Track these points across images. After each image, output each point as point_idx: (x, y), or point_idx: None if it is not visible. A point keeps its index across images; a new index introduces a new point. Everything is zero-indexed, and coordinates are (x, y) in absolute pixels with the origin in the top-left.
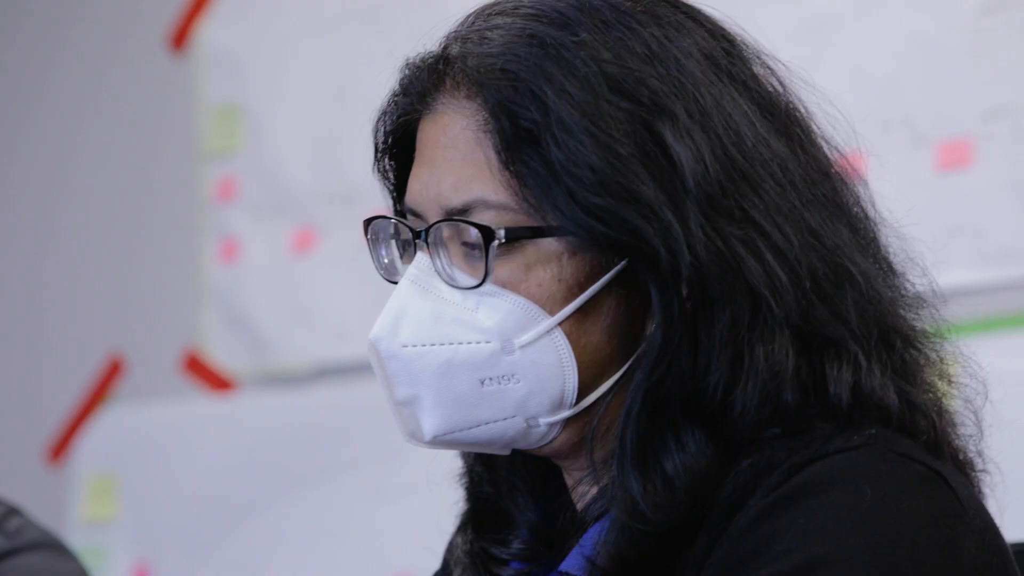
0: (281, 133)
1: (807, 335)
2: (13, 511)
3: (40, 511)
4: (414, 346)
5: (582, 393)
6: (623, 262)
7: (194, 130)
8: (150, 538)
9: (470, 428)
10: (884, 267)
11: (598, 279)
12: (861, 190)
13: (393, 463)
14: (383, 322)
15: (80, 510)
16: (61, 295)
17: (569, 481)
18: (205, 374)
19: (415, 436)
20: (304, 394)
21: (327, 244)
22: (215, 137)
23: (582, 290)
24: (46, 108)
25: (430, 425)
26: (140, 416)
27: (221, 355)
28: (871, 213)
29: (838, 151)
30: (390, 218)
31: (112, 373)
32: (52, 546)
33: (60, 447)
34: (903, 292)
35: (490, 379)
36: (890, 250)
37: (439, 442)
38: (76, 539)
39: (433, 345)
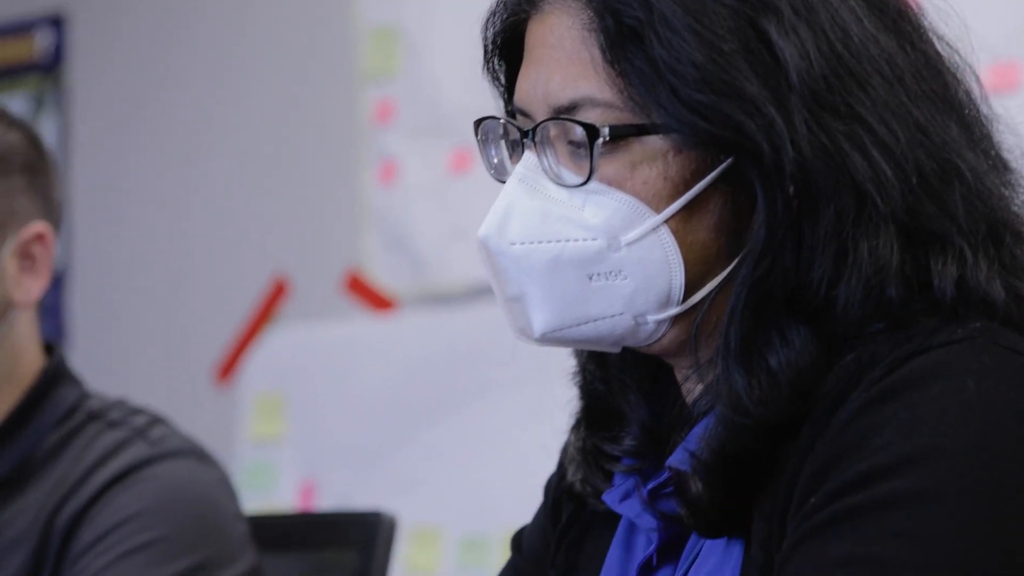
0: (438, 55)
1: (912, 230)
2: (157, 420)
3: (210, 430)
4: (522, 243)
5: (689, 291)
6: (728, 160)
7: (352, 53)
8: (316, 455)
9: (579, 325)
10: (997, 164)
11: (704, 177)
12: (975, 87)
13: (549, 381)
14: (492, 220)
15: (248, 429)
16: (228, 220)
17: (679, 379)
18: (366, 294)
19: (525, 332)
20: (462, 312)
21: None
22: (373, 60)
23: (688, 188)
24: (209, 33)
25: (539, 321)
26: (304, 336)
27: (381, 275)
28: (985, 110)
29: (950, 47)
30: (499, 119)
31: (277, 295)
32: (194, 454)
33: (228, 367)
34: (1018, 189)
35: (597, 275)
36: (1004, 147)
37: (548, 339)
38: (244, 457)
39: (541, 242)
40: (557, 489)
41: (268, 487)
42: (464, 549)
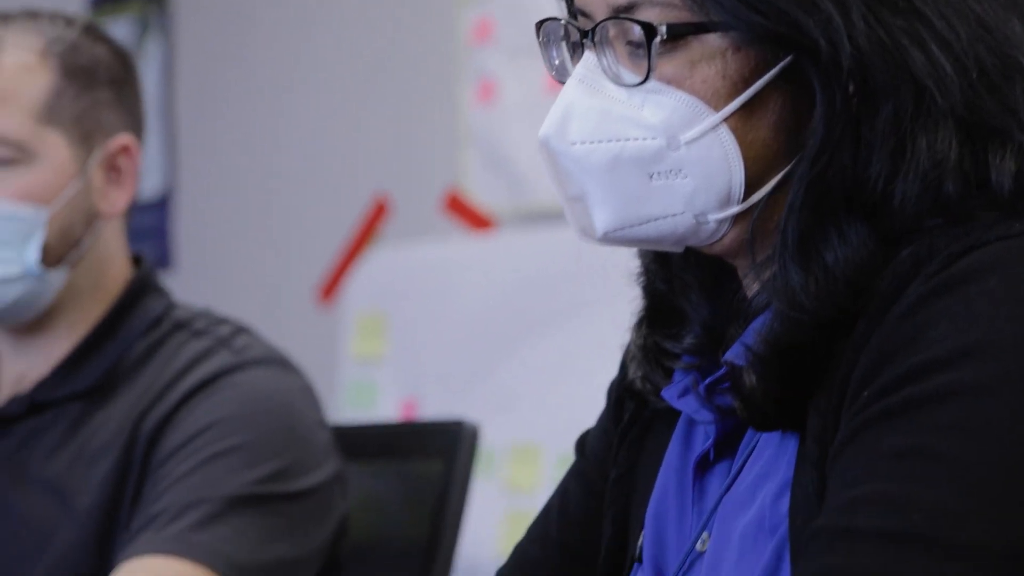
0: None
1: (971, 126)
2: (240, 330)
3: (313, 349)
4: (582, 143)
5: (749, 190)
6: (787, 58)
7: None
8: (416, 373)
9: (640, 224)
10: None
11: (763, 75)
12: None
13: None
14: (552, 120)
15: (350, 348)
16: (329, 142)
17: (740, 278)
18: (466, 213)
19: (587, 232)
20: (560, 231)
21: None
22: None
23: (747, 86)
24: None
25: (601, 221)
26: (405, 256)
27: (480, 195)
28: None
29: None
30: (560, 20)
31: (378, 215)
32: (276, 362)
33: (330, 287)
34: None
35: (657, 174)
36: None
37: (610, 238)
38: (347, 376)
39: (600, 142)
40: (619, 389)
41: (369, 405)
42: (563, 466)
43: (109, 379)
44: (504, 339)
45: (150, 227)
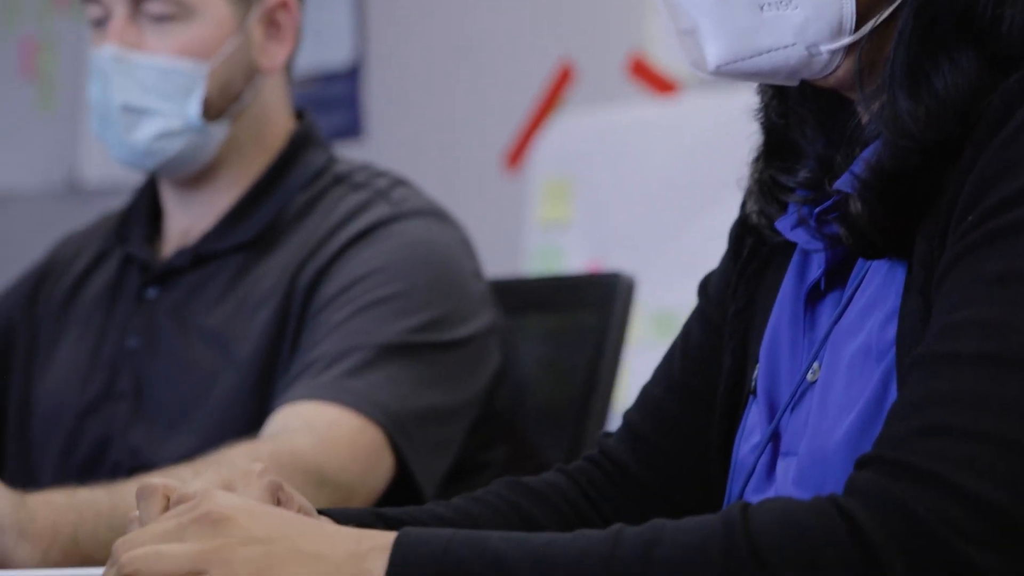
0: None
1: None
2: (399, 182)
3: (499, 215)
4: None
5: (861, 20)
6: None
7: None
8: (601, 238)
9: (752, 57)
10: None
11: None
12: None
13: None
14: None
15: (536, 213)
16: (515, 7)
17: (853, 110)
18: (650, 78)
19: (699, 66)
20: (746, 95)
21: None
22: None
23: None
24: None
25: (712, 54)
26: (590, 121)
27: (665, 59)
28: None
29: None
30: None
31: (563, 80)
32: (434, 213)
33: (516, 154)
34: None
35: (768, 4)
36: None
37: (723, 71)
38: (533, 241)
39: None
40: (738, 226)
41: (555, 270)
42: None
43: (270, 231)
44: (688, 203)
45: (340, 97)
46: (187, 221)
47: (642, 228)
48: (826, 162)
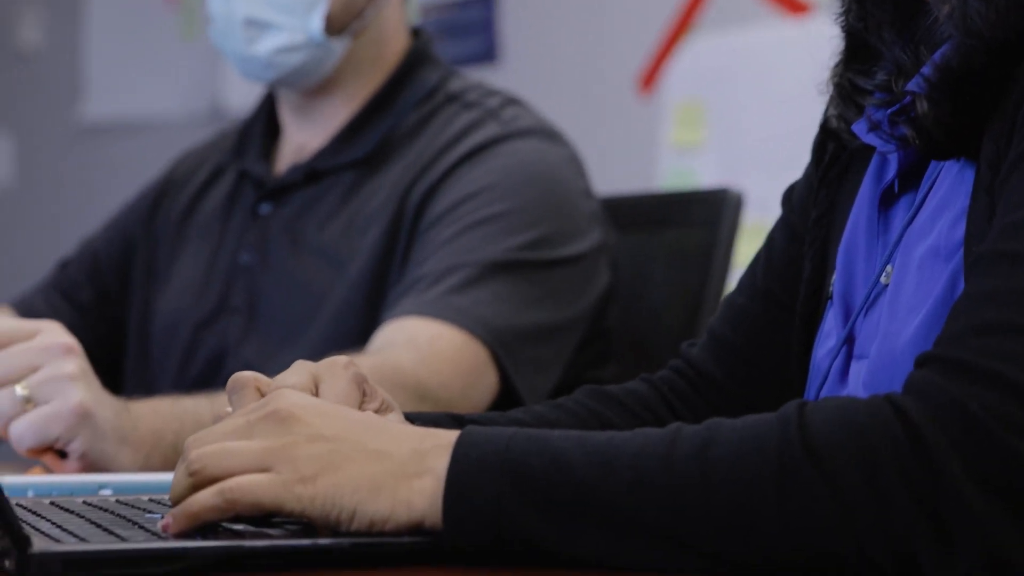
0: None
1: None
2: (511, 101)
3: (633, 138)
4: None
5: None
6: None
7: None
8: (735, 160)
9: None
10: None
11: None
12: None
13: None
14: None
15: (669, 136)
16: None
17: (929, 14)
18: None
19: None
20: None
21: None
22: None
23: None
24: None
25: None
26: (722, 43)
27: None
28: None
29: None
30: None
31: (696, 2)
32: (544, 133)
33: (650, 77)
34: None
35: None
36: None
37: None
38: (666, 164)
39: None
40: (820, 132)
41: None
42: None
43: (382, 148)
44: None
45: (476, 22)
46: (302, 137)
47: (776, 150)
48: (901, 65)
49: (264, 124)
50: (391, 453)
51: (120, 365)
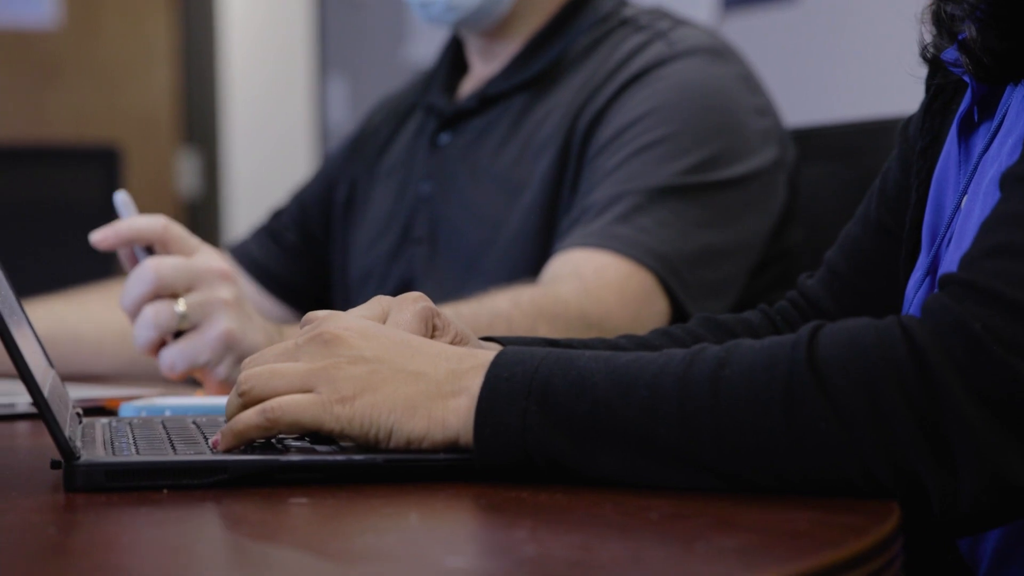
0: None
1: None
2: (682, 23)
3: None
4: None
5: None
6: None
7: None
8: None
9: None
10: None
11: None
12: None
13: None
14: None
15: None
16: None
17: None
18: None
19: None
20: None
21: None
22: None
23: None
24: None
25: None
26: None
27: None
28: None
29: None
30: None
31: None
32: (710, 51)
33: None
34: None
35: None
36: None
37: None
38: None
39: None
40: (927, 64)
41: None
42: None
43: (552, 70)
44: None
45: None
46: (485, 73)
47: None
48: None
49: (450, 61)
50: (428, 374)
51: (328, 301)
